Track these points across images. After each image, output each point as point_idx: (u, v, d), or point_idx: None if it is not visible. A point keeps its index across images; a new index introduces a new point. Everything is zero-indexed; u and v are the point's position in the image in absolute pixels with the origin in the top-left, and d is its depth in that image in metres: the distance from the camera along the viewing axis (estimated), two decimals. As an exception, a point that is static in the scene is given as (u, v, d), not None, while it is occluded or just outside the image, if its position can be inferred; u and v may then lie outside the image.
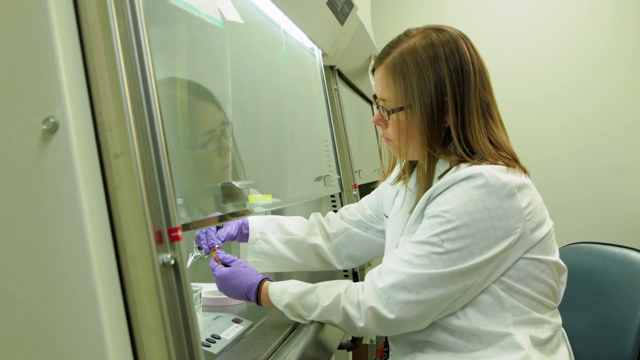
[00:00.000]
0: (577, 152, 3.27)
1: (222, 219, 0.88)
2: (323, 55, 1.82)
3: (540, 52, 3.33)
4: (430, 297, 0.92)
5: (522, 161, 1.01)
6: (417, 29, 1.05)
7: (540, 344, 0.97)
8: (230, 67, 1.05)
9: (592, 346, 1.26)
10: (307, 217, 1.36)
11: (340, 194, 1.75)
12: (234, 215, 0.92)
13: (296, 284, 1.05)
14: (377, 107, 1.07)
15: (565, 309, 1.06)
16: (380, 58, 1.05)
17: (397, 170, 1.19)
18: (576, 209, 3.21)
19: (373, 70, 1.08)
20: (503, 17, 3.41)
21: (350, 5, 1.78)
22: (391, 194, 1.19)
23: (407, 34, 1.04)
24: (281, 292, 1.04)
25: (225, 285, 1.09)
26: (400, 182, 1.15)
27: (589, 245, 1.40)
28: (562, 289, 1.05)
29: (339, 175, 1.72)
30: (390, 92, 1.02)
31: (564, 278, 1.05)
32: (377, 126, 1.12)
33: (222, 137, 1.00)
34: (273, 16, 1.38)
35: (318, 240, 1.30)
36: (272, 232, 1.28)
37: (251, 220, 1.29)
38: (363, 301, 0.96)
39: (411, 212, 1.04)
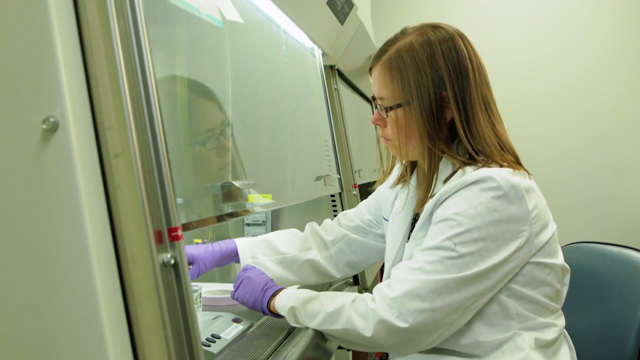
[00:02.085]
0: (577, 152, 3.27)
1: (221, 219, 0.88)
2: (323, 54, 1.82)
3: (540, 52, 3.33)
4: (445, 304, 0.89)
5: (523, 161, 1.01)
6: (413, 27, 1.04)
7: (544, 346, 0.97)
8: (230, 66, 1.05)
9: (592, 346, 1.26)
10: (307, 216, 1.36)
11: (340, 193, 1.75)
12: (233, 215, 0.92)
13: (303, 290, 1.03)
14: (375, 107, 1.07)
15: (565, 308, 1.06)
16: (377, 56, 1.05)
17: (395, 173, 1.18)
18: (576, 208, 3.21)
19: (370, 70, 1.08)
20: (503, 17, 3.41)
21: (350, 5, 1.78)
22: (390, 197, 1.18)
23: (403, 32, 1.04)
24: (287, 297, 1.02)
25: (251, 282, 1.08)
26: (399, 186, 1.15)
27: (589, 245, 1.40)
28: (565, 290, 1.05)
29: (339, 175, 1.72)
30: (388, 89, 1.02)
31: (567, 279, 1.05)
32: (376, 127, 1.12)
33: (221, 137, 1.00)
34: (273, 16, 1.38)
35: (312, 254, 1.26)
36: (263, 254, 1.24)
37: (239, 243, 1.24)
38: (374, 310, 0.92)
39: (414, 210, 1.03)
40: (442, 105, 0.98)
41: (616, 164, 3.20)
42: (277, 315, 1.04)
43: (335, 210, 1.77)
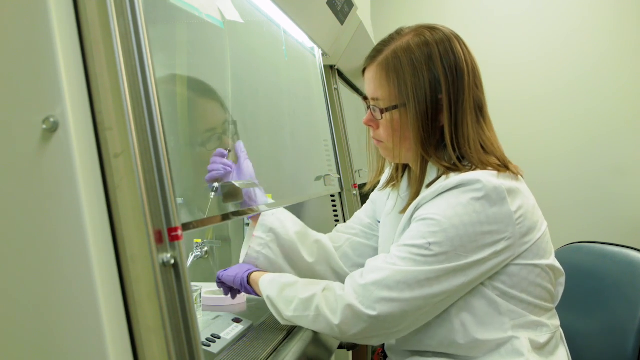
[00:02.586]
0: (576, 152, 3.27)
1: (222, 218, 0.88)
2: (323, 54, 1.82)
3: (540, 52, 3.33)
4: (413, 296, 0.89)
5: (521, 161, 1.00)
6: (409, 27, 1.03)
7: (539, 348, 0.96)
8: (230, 66, 1.05)
9: (592, 346, 1.26)
10: (308, 216, 1.36)
11: (340, 193, 1.75)
12: (234, 214, 0.92)
13: (285, 275, 1.04)
14: (368, 108, 1.05)
15: (564, 308, 1.06)
16: (372, 57, 1.03)
17: (385, 175, 1.18)
18: (576, 208, 3.21)
19: (364, 70, 1.06)
20: (502, 17, 3.41)
21: (350, 5, 1.78)
22: (383, 198, 1.18)
23: (399, 33, 1.03)
24: (270, 282, 1.02)
25: (241, 265, 1.11)
26: (389, 188, 1.15)
27: (589, 245, 1.40)
28: (561, 289, 1.04)
29: (339, 174, 1.72)
30: (384, 90, 1.00)
31: (562, 279, 1.04)
32: (368, 128, 1.09)
33: (223, 136, 1.00)
34: (273, 16, 1.38)
35: (326, 240, 1.24)
36: (285, 218, 1.24)
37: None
38: (341, 296, 0.92)
39: (402, 212, 1.03)
40: (437, 108, 0.97)
41: (616, 164, 3.20)
42: (254, 291, 1.06)
43: (335, 210, 1.77)
